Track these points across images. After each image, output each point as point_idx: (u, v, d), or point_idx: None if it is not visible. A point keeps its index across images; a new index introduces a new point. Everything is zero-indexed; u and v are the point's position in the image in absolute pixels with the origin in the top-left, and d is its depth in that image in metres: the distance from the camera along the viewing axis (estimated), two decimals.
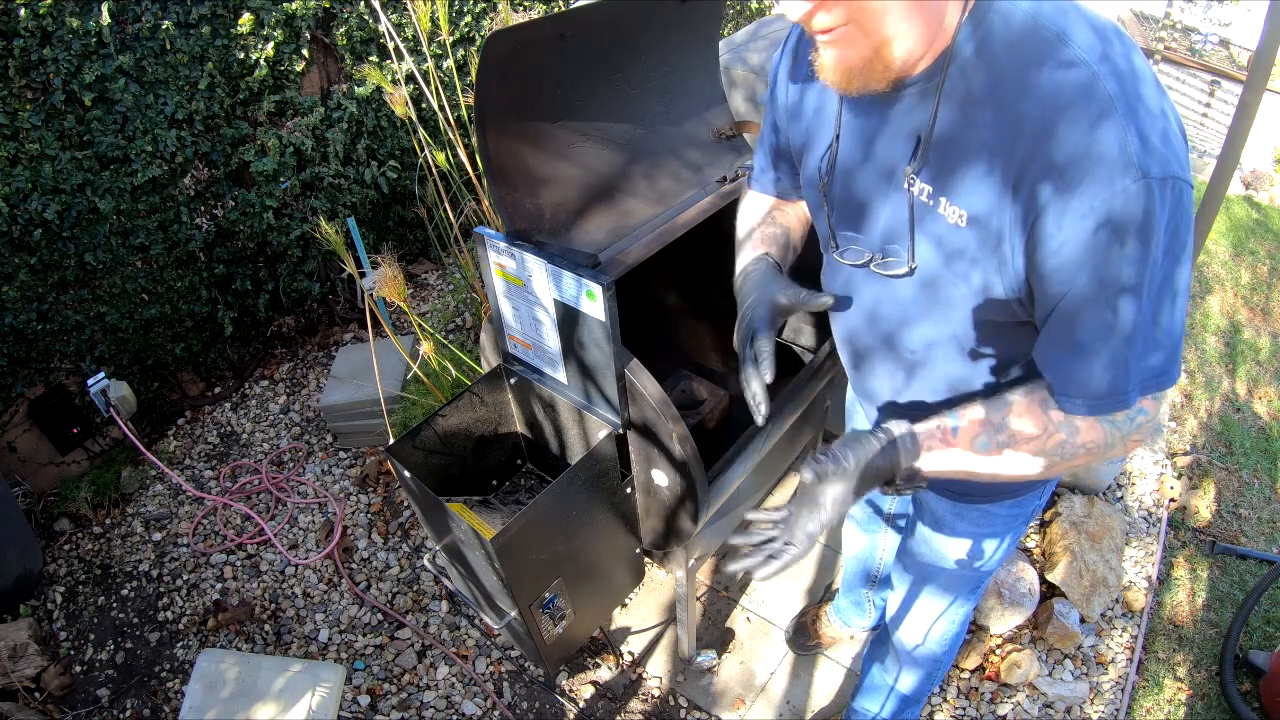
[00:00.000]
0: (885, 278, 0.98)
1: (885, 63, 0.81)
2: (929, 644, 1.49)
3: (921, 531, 1.33)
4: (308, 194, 2.99)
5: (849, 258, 1.02)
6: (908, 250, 0.92)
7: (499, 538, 1.29)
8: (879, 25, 0.77)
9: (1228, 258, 3.79)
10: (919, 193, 0.89)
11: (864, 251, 1.00)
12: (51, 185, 2.37)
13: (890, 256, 0.96)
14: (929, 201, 0.88)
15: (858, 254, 1.01)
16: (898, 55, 0.80)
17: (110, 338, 2.70)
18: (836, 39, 0.80)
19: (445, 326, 3.10)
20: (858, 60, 0.81)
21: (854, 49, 0.80)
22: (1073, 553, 2.16)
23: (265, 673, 1.99)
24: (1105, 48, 0.76)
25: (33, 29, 2.24)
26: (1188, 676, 2.07)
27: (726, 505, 1.71)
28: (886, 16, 0.76)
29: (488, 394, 1.66)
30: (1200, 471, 2.63)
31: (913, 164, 0.87)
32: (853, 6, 0.76)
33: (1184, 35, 5.33)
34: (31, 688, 2.11)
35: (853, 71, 0.82)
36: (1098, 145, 0.72)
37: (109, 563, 2.49)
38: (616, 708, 2.02)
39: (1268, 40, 1.49)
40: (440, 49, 3.11)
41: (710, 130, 1.69)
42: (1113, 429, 0.86)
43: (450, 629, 2.22)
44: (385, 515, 2.56)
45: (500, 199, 1.31)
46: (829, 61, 0.84)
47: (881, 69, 0.81)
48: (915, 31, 0.78)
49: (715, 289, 1.99)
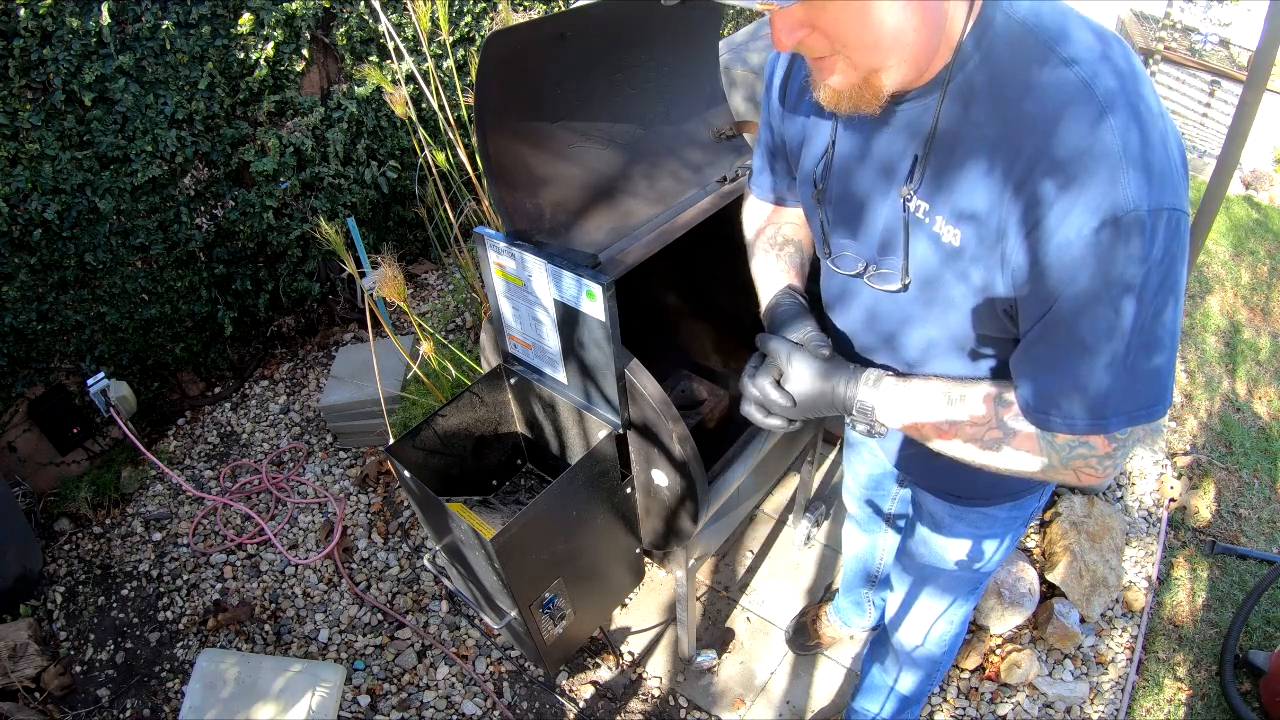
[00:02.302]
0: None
1: (874, 91, 0.80)
2: (928, 645, 1.49)
3: (921, 533, 1.33)
4: (308, 194, 2.99)
5: (842, 265, 1.02)
6: (901, 265, 0.92)
7: (499, 538, 1.29)
8: (866, 57, 0.77)
9: (1228, 258, 3.79)
10: (915, 209, 0.88)
11: (858, 260, 1.00)
12: (51, 185, 2.37)
13: (885, 269, 0.96)
14: (924, 218, 0.88)
15: (851, 262, 1.01)
16: (887, 84, 0.80)
17: (110, 338, 2.70)
18: (824, 66, 0.80)
19: (445, 326, 3.10)
20: (845, 86, 0.81)
21: (842, 76, 0.80)
22: (1073, 553, 2.16)
23: (265, 673, 1.99)
24: (1105, 48, 0.76)
25: (33, 29, 2.24)
26: (1188, 676, 2.07)
27: (726, 505, 1.71)
28: (875, 50, 0.76)
29: (488, 394, 1.66)
30: (1200, 471, 2.63)
31: (909, 184, 0.87)
32: (836, 40, 0.76)
33: (1184, 35, 5.33)
34: (31, 688, 2.11)
35: (840, 96, 0.82)
36: (1100, 143, 0.72)
37: (109, 563, 2.49)
38: (616, 708, 2.02)
39: (1268, 40, 1.49)
40: (440, 49, 3.11)
41: (710, 130, 1.69)
42: (1050, 449, 0.86)
43: (450, 629, 2.22)
44: (385, 515, 2.56)
45: (500, 199, 1.31)
46: (818, 82, 0.84)
47: (871, 96, 0.81)
48: (906, 61, 0.77)
49: (715, 289, 1.99)
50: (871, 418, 0.96)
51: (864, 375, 0.96)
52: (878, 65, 0.77)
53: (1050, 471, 0.88)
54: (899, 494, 1.60)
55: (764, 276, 1.19)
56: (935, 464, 1.09)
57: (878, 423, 0.96)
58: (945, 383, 0.93)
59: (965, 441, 0.91)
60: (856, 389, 0.95)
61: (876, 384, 0.95)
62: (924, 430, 0.94)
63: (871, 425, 0.96)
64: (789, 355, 0.98)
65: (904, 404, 0.94)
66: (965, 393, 0.91)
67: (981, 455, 0.91)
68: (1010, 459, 0.89)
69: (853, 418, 0.97)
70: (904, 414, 0.94)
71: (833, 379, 0.96)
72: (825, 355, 0.98)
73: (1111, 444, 0.84)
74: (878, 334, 1.05)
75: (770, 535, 2.44)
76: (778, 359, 0.99)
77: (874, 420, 0.96)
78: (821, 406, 0.98)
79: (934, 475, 1.23)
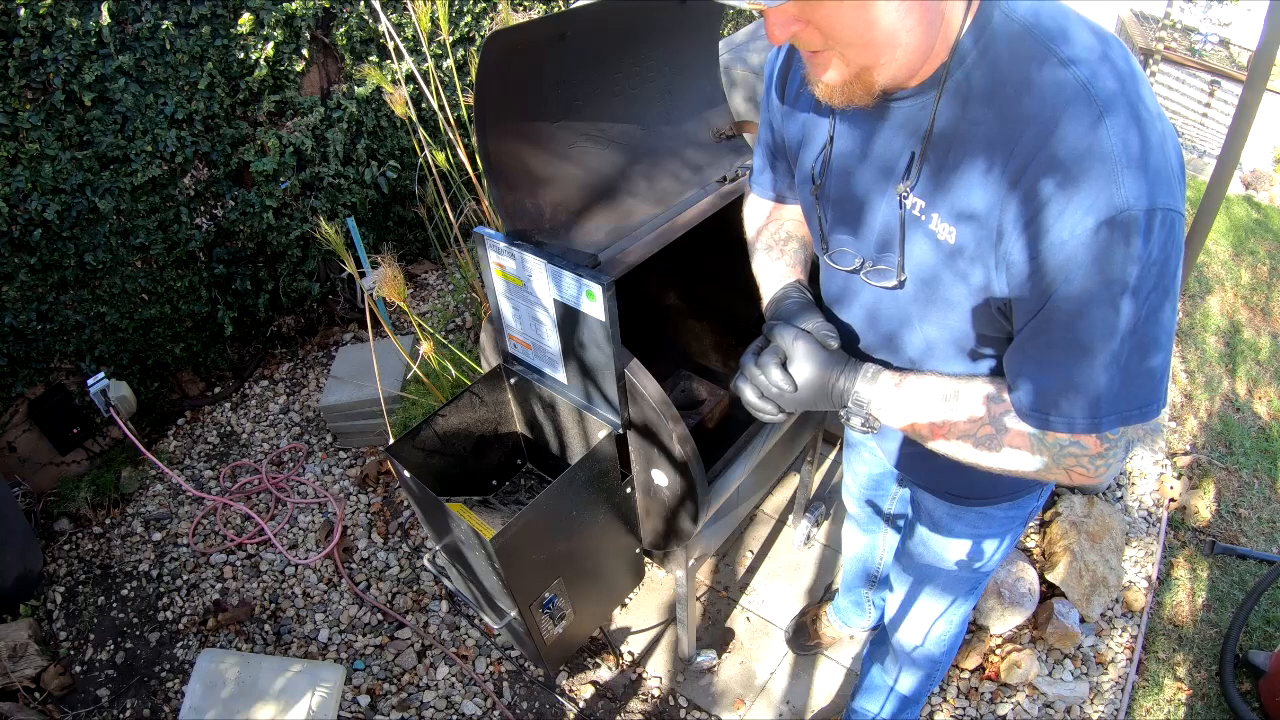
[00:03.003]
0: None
1: (866, 86, 0.81)
2: (928, 644, 1.49)
3: (920, 533, 1.34)
4: (308, 194, 2.99)
5: (840, 262, 1.03)
6: (898, 262, 0.93)
7: (499, 538, 1.29)
8: (860, 54, 0.77)
9: (1228, 258, 3.79)
10: (911, 207, 0.88)
11: (855, 257, 1.00)
12: (51, 185, 2.37)
13: (882, 265, 0.96)
14: (921, 216, 0.88)
15: (849, 258, 1.01)
16: (880, 80, 0.80)
17: (110, 338, 2.70)
18: (819, 62, 0.81)
19: (445, 326, 3.10)
20: (838, 81, 0.81)
21: (835, 71, 0.80)
22: (1073, 552, 2.16)
23: (265, 673, 1.99)
24: (1105, 49, 0.76)
25: (33, 29, 2.24)
26: (1188, 676, 2.07)
27: (726, 505, 1.71)
28: (869, 48, 0.76)
29: (488, 394, 1.66)
30: (1200, 471, 2.63)
31: (906, 182, 0.87)
32: (830, 36, 0.76)
33: (1184, 35, 5.33)
34: (31, 688, 2.11)
35: (834, 89, 0.83)
36: (1100, 143, 0.72)
37: (109, 563, 2.49)
38: (616, 708, 2.02)
39: (1268, 40, 1.49)
40: (440, 49, 3.11)
41: (710, 130, 1.69)
42: (1041, 447, 0.87)
43: (450, 629, 2.22)
44: (385, 515, 2.56)
45: (500, 199, 1.31)
46: (812, 76, 0.84)
47: (862, 90, 0.81)
48: (900, 59, 0.78)
49: (715, 289, 1.99)
50: (867, 411, 0.96)
51: (863, 369, 0.96)
52: (871, 62, 0.78)
53: (1043, 471, 0.89)
54: (898, 494, 1.60)
55: (766, 273, 1.20)
56: (934, 464, 1.09)
57: (873, 417, 0.96)
58: (942, 380, 0.93)
59: (959, 439, 0.92)
60: (855, 382, 0.96)
61: (875, 379, 0.95)
62: (919, 428, 0.94)
63: (867, 419, 0.96)
64: (794, 340, 0.98)
65: (900, 399, 0.94)
66: (961, 390, 0.91)
67: (975, 454, 0.92)
68: (1003, 458, 0.90)
69: (848, 410, 0.97)
70: (900, 409, 0.94)
71: (833, 370, 0.97)
72: (832, 346, 0.98)
73: (1103, 444, 0.84)
74: (878, 332, 1.05)
75: (770, 535, 2.44)
76: (783, 342, 1.00)
77: (869, 414, 0.96)
78: (819, 398, 0.98)
79: (933, 475, 1.24)
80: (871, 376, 0.96)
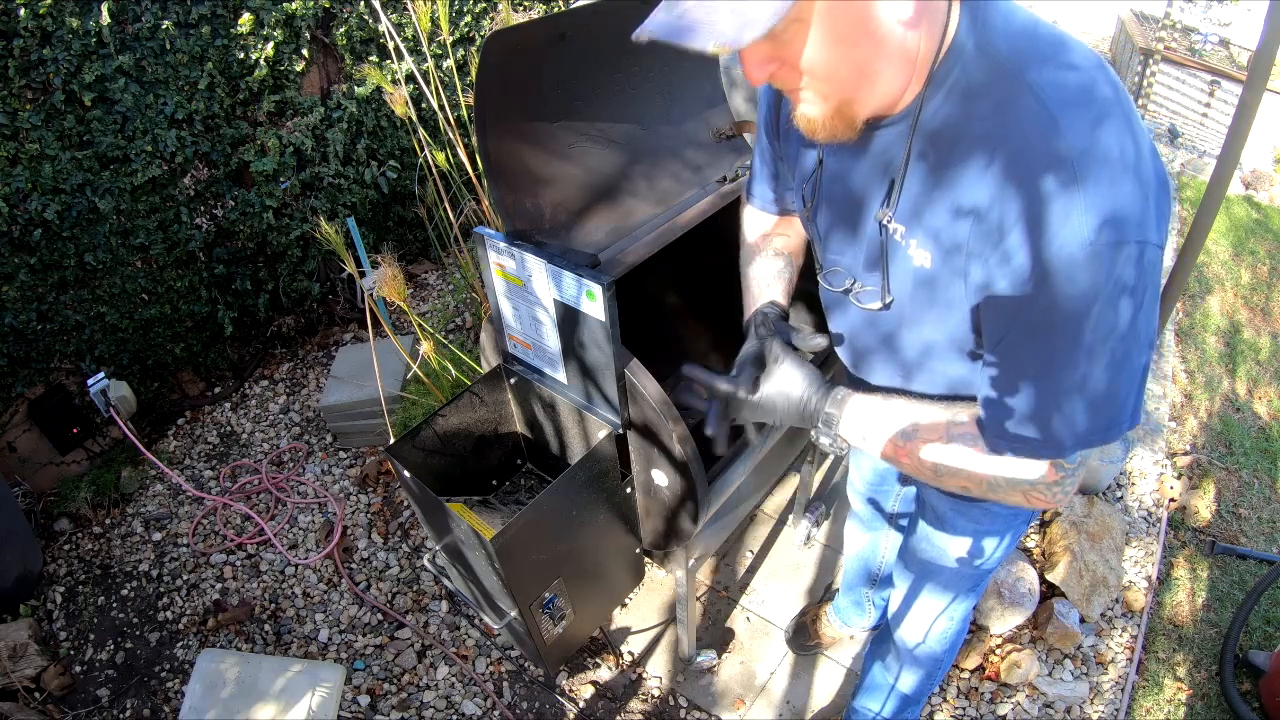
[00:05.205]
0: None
1: (848, 120, 0.82)
2: (930, 642, 1.49)
3: (923, 529, 1.34)
4: (308, 194, 2.99)
5: (832, 282, 1.06)
6: (882, 285, 0.95)
7: (499, 538, 1.29)
8: (836, 89, 0.79)
9: (1228, 258, 3.79)
10: (893, 232, 0.91)
11: (846, 278, 1.04)
12: (51, 185, 2.37)
13: (869, 286, 1.00)
14: (901, 241, 0.90)
15: (841, 279, 1.05)
16: (860, 114, 0.82)
17: (110, 338, 2.70)
18: (798, 98, 0.82)
19: (445, 326, 3.10)
20: (819, 116, 0.82)
21: (814, 107, 0.82)
22: (1073, 552, 2.16)
23: (265, 673, 1.99)
24: (1099, 59, 0.79)
25: (33, 29, 2.24)
26: (1188, 676, 2.07)
27: (726, 505, 1.71)
28: (844, 83, 0.78)
29: (488, 394, 1.66)
30: (1200, 471, 2.63)
31: (885, 209, 0.90)
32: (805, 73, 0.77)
33: (1184, 35, 5.32)
34: (31, 688, 2.11)
35: (815, 125, 0.84)
36: (1098, 145, 0.73)
37: (109, 563, 2.49)
38: (616, 708, 2.02)
39: (1268, 40, 1.49)
40: (440, 49, 3.11)
41: (710, 130, 1.69)
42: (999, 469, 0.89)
43: (450, 629, 2.22)
44: (385, 515, 2.56)
45: (500, 199, 1.31)
46: (794, 114, 0.86)
47: (844, 125, 0.83)
48: (875, 92, 0.80)
49: (715, 289, 1.99)
50: (835, 431, 1.00)
51: (834, 391, 1.01)
52: (848, 96, 0.80)
53: (996, 491, 0.92)
54: (902, 493, 1.61)
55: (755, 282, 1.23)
56: None
57: (839, 436, 1.01)
58: (909, 403, 0.97)
59: (918, 458, 0.95)
60: (824, 402, 1.00)
61: (843, 401, 1.00)
62: (884, 449, 0.98)
63: (834, 438, 1.01)
64: (781, 355, 1.03)
65: (864, 420, 0.98)
66: (924, 410, 0.95)
67: (932, 475, 0.95)
68: (961, 477, 0.93)
69: (818, 430, 1.02)
70: (863, 429, 0.98)
71: (810, 388, 1.01)
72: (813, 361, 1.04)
73: (1058, 472, 0.87)
74: (877, 335, 1.08)
75: (770, 535, 2.44)
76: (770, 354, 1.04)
77: (836, 434, 1.01)
78: (793, 413, 1.02)
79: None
80: (840, 399, 1.00)
